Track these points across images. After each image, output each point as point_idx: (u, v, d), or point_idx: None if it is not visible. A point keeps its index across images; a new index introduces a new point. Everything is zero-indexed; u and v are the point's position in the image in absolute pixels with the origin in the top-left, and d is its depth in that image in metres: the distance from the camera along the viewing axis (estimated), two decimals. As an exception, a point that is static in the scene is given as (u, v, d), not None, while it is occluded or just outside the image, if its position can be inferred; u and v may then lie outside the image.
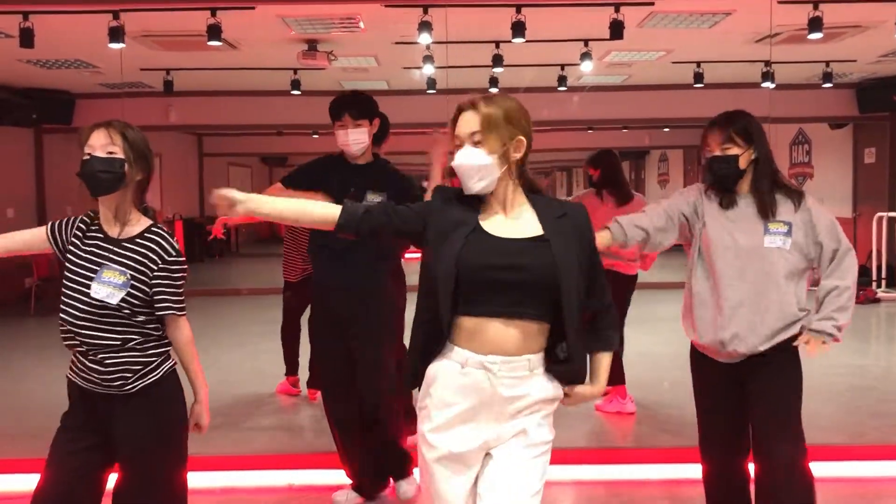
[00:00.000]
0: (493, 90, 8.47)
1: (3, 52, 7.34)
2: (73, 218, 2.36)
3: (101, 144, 2.26)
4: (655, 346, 6.30)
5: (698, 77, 8.46)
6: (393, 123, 3.86)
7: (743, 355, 2.68)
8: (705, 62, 8.37)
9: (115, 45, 5.75)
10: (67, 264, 2.29)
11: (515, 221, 2.01)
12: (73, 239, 2.32)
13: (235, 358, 6.34)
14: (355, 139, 3.35)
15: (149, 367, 2.27)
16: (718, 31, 6.80)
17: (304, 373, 5.08)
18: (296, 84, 8.54)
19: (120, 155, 2.27)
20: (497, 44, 6.96)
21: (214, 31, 5.68)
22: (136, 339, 2.25)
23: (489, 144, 1.98)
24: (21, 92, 9.46)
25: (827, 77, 8.60)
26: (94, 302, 2.20)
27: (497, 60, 7.10)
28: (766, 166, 2.74)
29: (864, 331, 7.70)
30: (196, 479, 3.54)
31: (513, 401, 1.96)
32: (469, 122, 2.01)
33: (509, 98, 2.04)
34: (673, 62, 8.41)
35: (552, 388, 2.01)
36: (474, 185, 1.99)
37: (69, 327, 2.25)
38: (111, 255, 2.27)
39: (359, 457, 3.47)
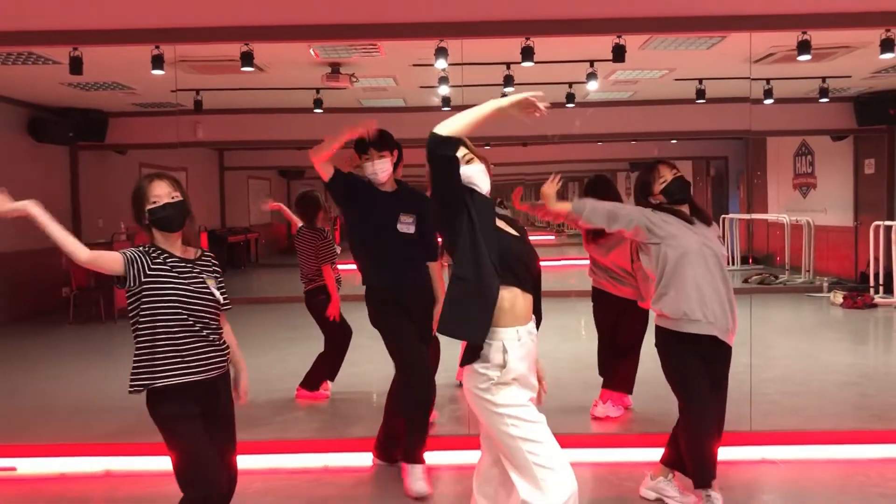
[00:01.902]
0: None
1: (47, 76, 7.89)
2: (137, 253, 2.76)
3: (167, 192, 2.79)
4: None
5: (700, 93, 8.89)
6: (410, 138, 4.27)
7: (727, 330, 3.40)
8: (706, 79, 8.81)
9: (156, 72, 6.22)
10: (168, 282, 2.73)
11: (505, 224, 2.73)
12: (153, 267, 2.74)
13: (266, 361, 6.78)
14: (381, 168, 3.85)
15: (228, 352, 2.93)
16: (716, 51, 7.23)
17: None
18: (318, 103, 9.02)
19: (181, 197, 2.81)
20: (508, 65, 7.42)
21: (247, 58, 6.14)
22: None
23: (476, 160, 2.71)
24: (58, 111, 10.02)
25: (823, 92, 8.99)
26: (221, 304, 2.84)
27: (508, 80, 7.55)
28: None
29: (859, 333, 8.08)
30: (242, 462, 4.00)
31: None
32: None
33: None
34: (676, 79, 8.84)
35: None
36: (485, 186, 2.70)
37: (194, 328, 2.75)
38: (202, 270, 2.85)
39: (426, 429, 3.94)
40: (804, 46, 6.04)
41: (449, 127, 2.46)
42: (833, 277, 11.13)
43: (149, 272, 2.73)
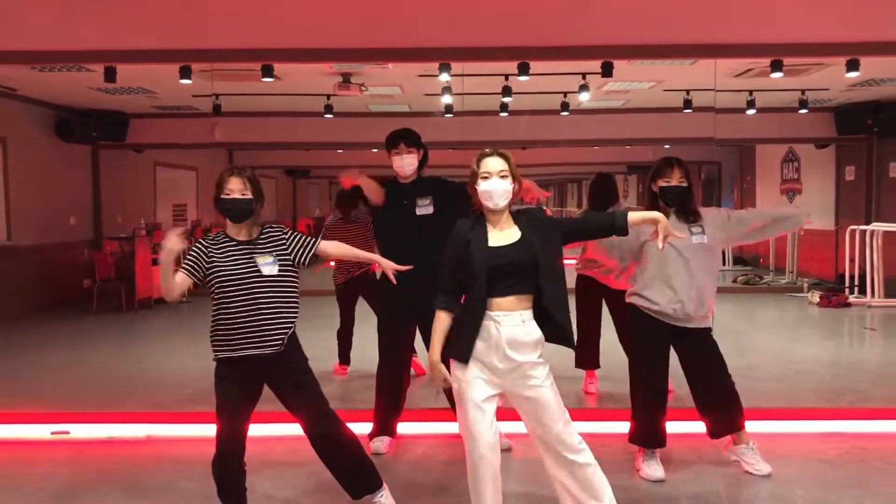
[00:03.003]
0: (503, 114, 9.59)
1: (77, 81, 8.49)
2: (196, 249, 3.31)
3: (239, 189, 3.29)
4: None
5: (687, 103, 9.49)
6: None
7: (690, 318, 3.92)
8: (694, 90, 9.40)
9: (184, 81, 6.80)
10: (221, 272, 3.24)
11: (504, 232, 3.15)
12: (212, 258, 3.27)
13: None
14: (408, 162, 4.41)
15: (292, 327, 3.34)
16: (699, 66, 7.82)
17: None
18: (329, 108, 9.62)
19: (250, 196, 3.31)
20: (506, 76, 8.02)
21: (268, 70, 6.72)
22: (289, 305, 3.31)
23: (510, 178, 3.15)
24: (83, 113, 10.63)
25: (803, 104, 9.61)
26: (266, 277, 3.24)
27: (506, 91, 8.16)
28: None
29: (829, 329, 8.68)
30: (270, 430, 4.61)
31: (510, 342, 3.05)
32: (498, 163, 3.16)
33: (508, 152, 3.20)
34: (664, 90, 9.45)
35: (537, 331, 3.09)
36: (501, 202, 3.14)
37: (241, 303, 3.20)
38: (255, 249, 3.31)
39: (396, 405, 4.60)
40: (776, 65, 6.64)
41: None
42: (815, 278, 11.73)
43: (206, 266, 3.26)
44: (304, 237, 3.43)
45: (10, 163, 9.54)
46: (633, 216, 3.26)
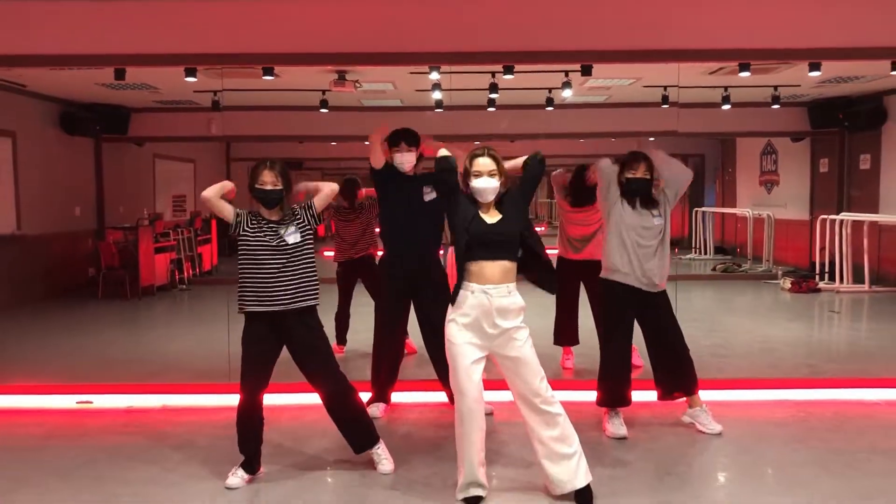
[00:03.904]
0: (491, 109, 10.07)
1: (83, 77, 8.91)
2: (242, 212, 3.88)
3: (271, 181, 3.82)
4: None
5: (665, 99, 9.97)
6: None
7: (654, 285, 4.50)
8: (671, 86, 9.88)
9: (190, 79, 7.20)
10: (253, 239, 3.79)
11: (493, 214, 3.66)
12: (249, 226, 3.83)
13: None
14: (408, 160, 4.91)
15: (313, 292, 3.89)
16: (675, 65, 8.28)
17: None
18: (324, 103, 10.07)
19: (280, 187, 3.84)
20: (493, 74, 8.47)
21: (269, 69, 7.16)
22: (308, 271, 3.86)
23: (498, 177, 3.65)
24: (86, 106, 11.03)
25: (775, 99, 10.11)
26: (290, 245, 3.80)
27: (493, 87, 8.63)
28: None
29: (796, 312, 9.21)
30: (278, 399, 5.09)
31: (499, 311, 3.55)
32: (488, 163, 3.66)
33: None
34: (644, 86, 9.93)
35: (520, 300, 3.61)
36: (490, 197, 3.66)
37: (270, 268, 3.75)
38: (281, 224, 3.85)
39: (391, 376, 5.10)
40: (744, 65, 7.13)
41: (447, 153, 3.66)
42: (790, 267, 12.26)
43: (245, 229, 3.82)
44: (304, 203, 3.97)
45: (19, 156, 9.93)
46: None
